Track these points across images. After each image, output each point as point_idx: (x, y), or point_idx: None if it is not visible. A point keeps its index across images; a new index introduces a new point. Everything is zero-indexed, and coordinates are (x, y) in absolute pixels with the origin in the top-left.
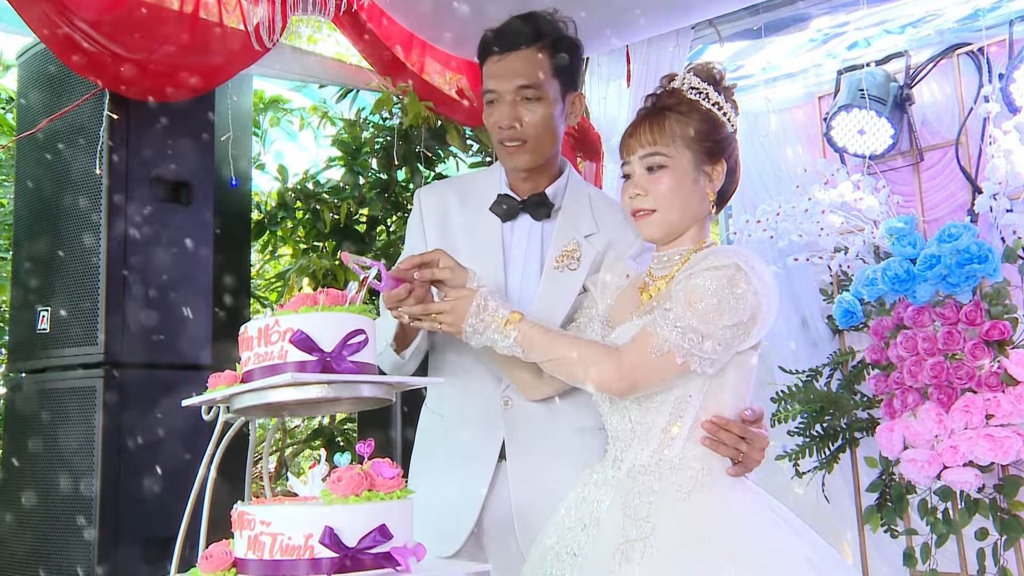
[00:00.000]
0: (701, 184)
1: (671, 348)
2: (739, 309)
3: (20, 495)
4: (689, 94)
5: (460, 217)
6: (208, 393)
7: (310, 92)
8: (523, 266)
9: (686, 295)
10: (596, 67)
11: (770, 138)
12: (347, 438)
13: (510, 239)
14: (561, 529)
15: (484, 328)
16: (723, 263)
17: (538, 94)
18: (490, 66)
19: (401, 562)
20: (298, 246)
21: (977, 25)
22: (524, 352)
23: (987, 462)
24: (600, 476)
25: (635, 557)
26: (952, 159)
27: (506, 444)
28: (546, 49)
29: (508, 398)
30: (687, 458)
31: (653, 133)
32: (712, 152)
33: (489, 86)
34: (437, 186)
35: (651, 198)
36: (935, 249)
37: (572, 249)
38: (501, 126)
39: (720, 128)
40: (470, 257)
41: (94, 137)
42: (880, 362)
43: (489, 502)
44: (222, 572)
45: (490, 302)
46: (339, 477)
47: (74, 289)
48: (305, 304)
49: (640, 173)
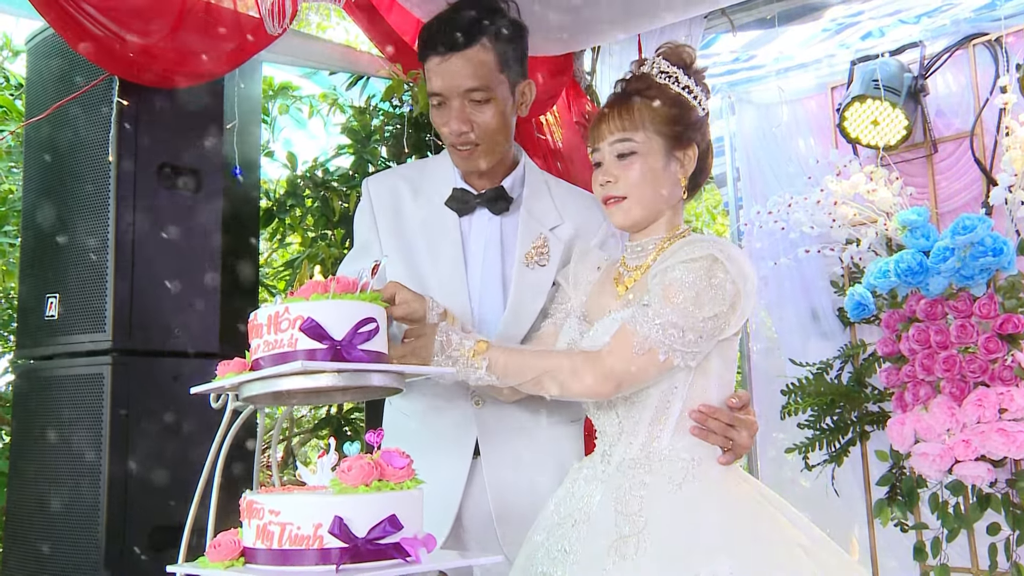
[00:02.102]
0: (672, 169)
1: (652, 345)
2: (718, 300)
3: (27, 482)
4: (658, 78)
5: (414, 209)
6: (217, 381)
7: (320, 79)
8: (483, 262)
9: (663, 290)
10: (608, 56)
11: (782, 129)
12: (354, 427)
13: (468, 234)
14: (550, 525)
15: (452, 363)
16: (699, 254)
17: (487, 95)
18: (433, 66)
19: (411, 552)
20: (307, 234)
21: (994, 15)
22: (499, 379)
23: (1000, 456)
24: (589, 471)
25: (629, 553)
26: (967, 150)
27: (479, 442)
28: (490, 43)
29: (479, 398)
30: (676, 449)
31: (622, 119)
32: (682, 137)
33: (435, 88)
34: (387, 175)
35: (622, 185)
36: (949, 241)
37: (540, 244)
38: (451, 130)
39: (690, 112)
40: (428, 255)
41: (103, 123)
42: (892, 355)
43: (466, 499)
44: (231, 561)
45: (452, 336)
46: (349, 467)
47: (82, 276)
48: (316, 292)
49: (610, 160)
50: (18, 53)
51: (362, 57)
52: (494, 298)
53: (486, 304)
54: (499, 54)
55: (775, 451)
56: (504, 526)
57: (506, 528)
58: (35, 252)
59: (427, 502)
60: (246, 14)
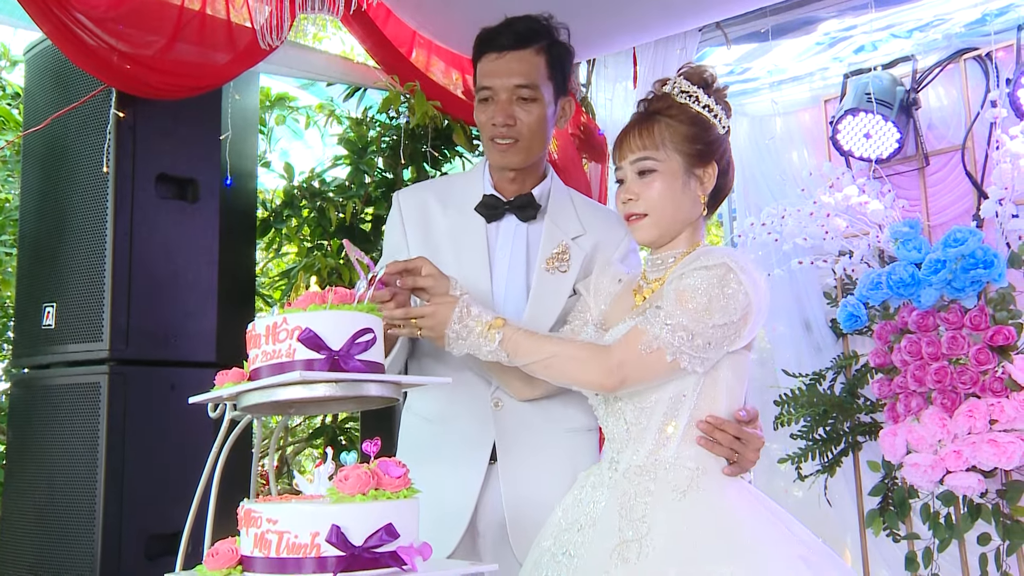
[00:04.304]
0: (692, 187)
1: (661, 345)
2: (729, 309)
3: (23, 491)
4: (679, 98)
5: (442, 219)
6: (215, 390)
7: (317, 90)
8: (508, 267)
9: (677, 294)
10: (603, 68)
11: (775, 141)
12: (349, 437)
13: (495, 240)
14: (557, 531)
15: (467, 334)
16: (713, 263)
17: (534, 95)
18: (487, 64)
19: (407, 561)
20: (303, 245)
21: (985, 30)
22: (508, 356)
23: (990, 467)
24: (597, 478)
25: (631, 557)
26: (958, 164)
27: (497, 446)
28: (543, 51)
29: (498, 399)
30: (682, 458)
31: (643, 138)
32: (702, 155)
33: (485, 83)
34: (416, 188)
35: (643, 203)
36: (940, 254)
37: (561, 251)
38: (495, 123)
39: (710, 130)
40: (454, 259)
41: (101, 134)
42: (884, 366)
43: (481, 504)
44: (228, 570)
45: (473, 307)
46: (346, 476)
47: (79, 285)
48: (313, 302)
49: (632, 178)
50: (16, 63)
51: (359, 68)
52: (518, 303)
53: (509, 309)
54: (549, 62)
55: (768, 461)
56: (517, 532)
57: (518, 533)
58: (32, 261)
59: (442, 507)
60: (242, 26)
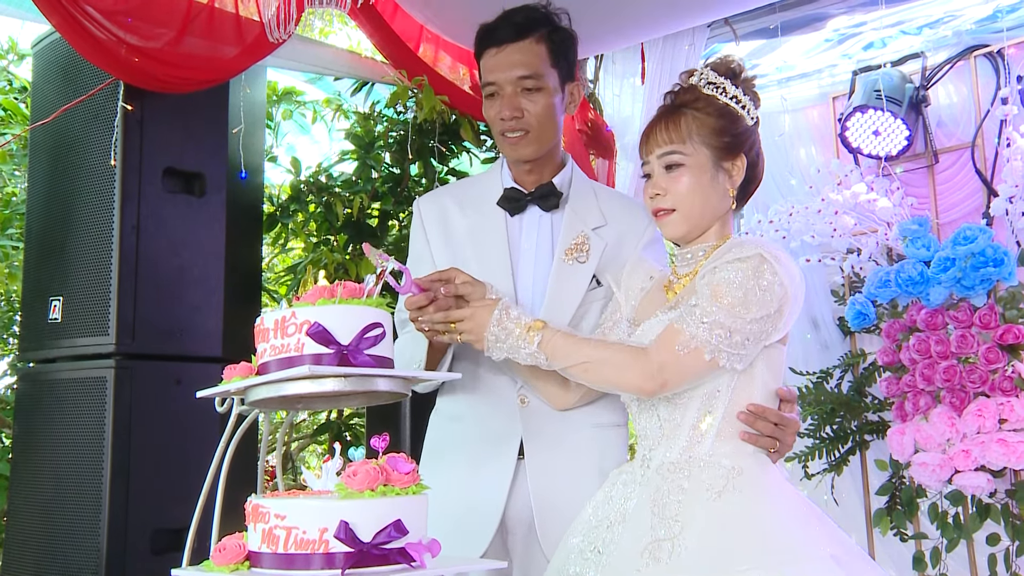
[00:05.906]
0: (720, 180)
1: (699, 345)
2: (766, 301)
3: (29, 485)
4: (706, 89)
5: (461, 220)
6: (223, 385)
7: (324, 84)
8: (535, 259)
9: (712, 289)
10: (611, 64)
11: (784, 138)
12: (354, 433)
13: (519, 233)
14: (587, 528)
15: (506, 336)
16: (747, 254)
17: (538, 84)
18: (488, 59)
19: (416, 557)
20: (310, 239)
21: (996, 27)
22: (547, 359)
23: (1000, 467)
24: (628, 475)
25: (663, 556)
26: (968, 161)
27: (524, 442)
28: (544, 39)
29: (524, 396)
30: (717, 455)
31: (669, 131)
32: (730, 147)
33: (489, 79)
34: (435, 194)
35: (670, 197)
36: (950, 252)
37: (581, 242)
38: (503, 117)
39: (738, 122)
40: (475, 257)
41: (108, 127)
42: (892, 365)
43: (510, 501)
44: (236, 565)
45: (512, 310)
46: (354, 471)
47: (86, 279)
48: (322, 296)
49: (659, 172)
50: (24, 56)
51: (367, 63)
52: (542, 295)
53: (537, 300)
54: (551, 49)
55: None
56: (544, 527)
57: (546, 529)
58: (39, 255)
59: (473, 506)
60: (251, 19)
